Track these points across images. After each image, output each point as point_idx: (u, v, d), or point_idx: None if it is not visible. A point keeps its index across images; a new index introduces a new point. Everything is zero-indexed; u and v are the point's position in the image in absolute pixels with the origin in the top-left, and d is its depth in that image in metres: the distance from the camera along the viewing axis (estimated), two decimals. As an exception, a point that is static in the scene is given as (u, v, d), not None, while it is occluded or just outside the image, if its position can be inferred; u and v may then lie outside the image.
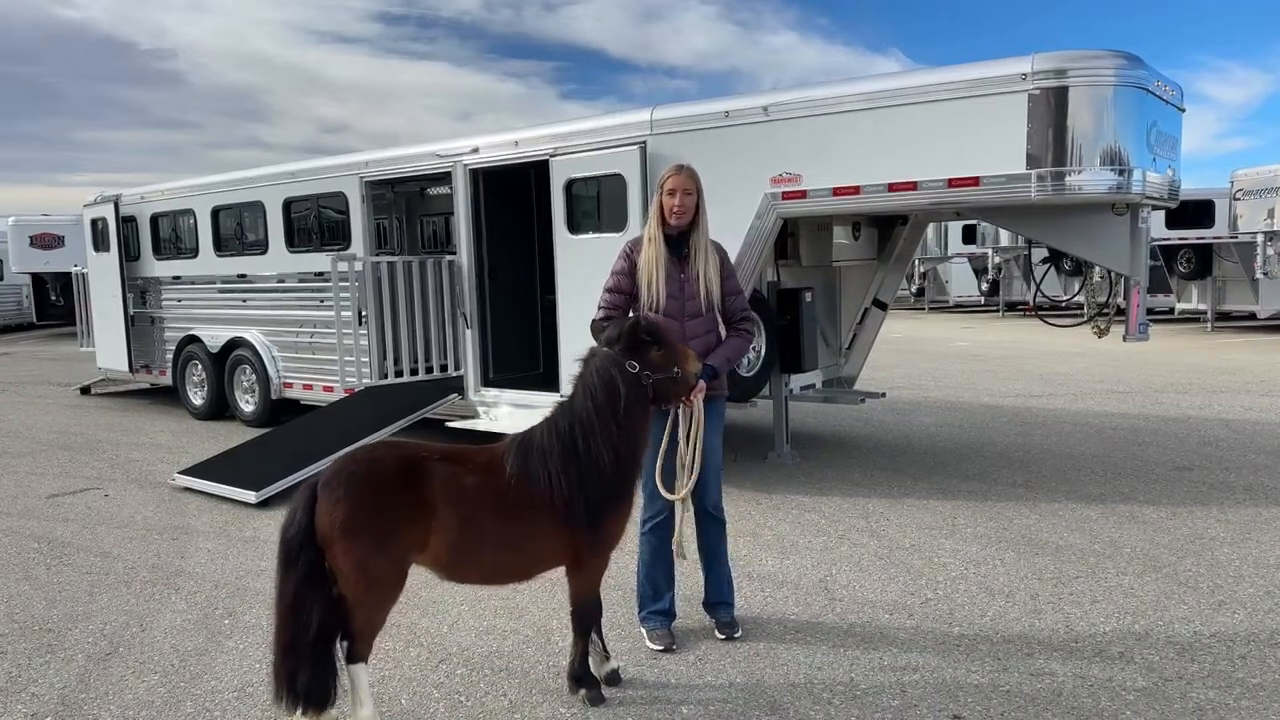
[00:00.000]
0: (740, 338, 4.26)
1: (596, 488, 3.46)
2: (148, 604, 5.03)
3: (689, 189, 4.13)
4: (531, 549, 3.52)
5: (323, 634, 3.22)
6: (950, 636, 4.33)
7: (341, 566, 3.22)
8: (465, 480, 3.39)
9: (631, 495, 3.69)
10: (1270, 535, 5.68)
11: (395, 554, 3.28)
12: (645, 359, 3.59)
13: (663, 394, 3.68)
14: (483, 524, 3.38)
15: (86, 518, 6.77)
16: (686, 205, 4.13)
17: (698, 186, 4.16)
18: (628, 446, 3.55)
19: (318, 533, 3.23)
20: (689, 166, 4.19)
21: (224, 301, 10.68)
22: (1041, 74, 5.60)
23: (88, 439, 9.89)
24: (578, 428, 3.49)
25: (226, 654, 4.35)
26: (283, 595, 3.26)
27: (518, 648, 4.33)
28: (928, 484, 7.03)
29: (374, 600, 3.30)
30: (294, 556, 3.24)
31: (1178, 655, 4.08)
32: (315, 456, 7.37)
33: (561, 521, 3.45)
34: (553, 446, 3.48)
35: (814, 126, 6.30)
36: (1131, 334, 6.21)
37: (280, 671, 3.23)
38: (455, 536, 3.33)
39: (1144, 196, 5.87)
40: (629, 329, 3.62)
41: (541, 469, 3.44)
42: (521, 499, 3.42)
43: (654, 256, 4.14)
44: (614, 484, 3.52)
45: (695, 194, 4.15)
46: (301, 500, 3.29)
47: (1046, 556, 5.41)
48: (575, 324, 7.50)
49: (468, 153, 8.13)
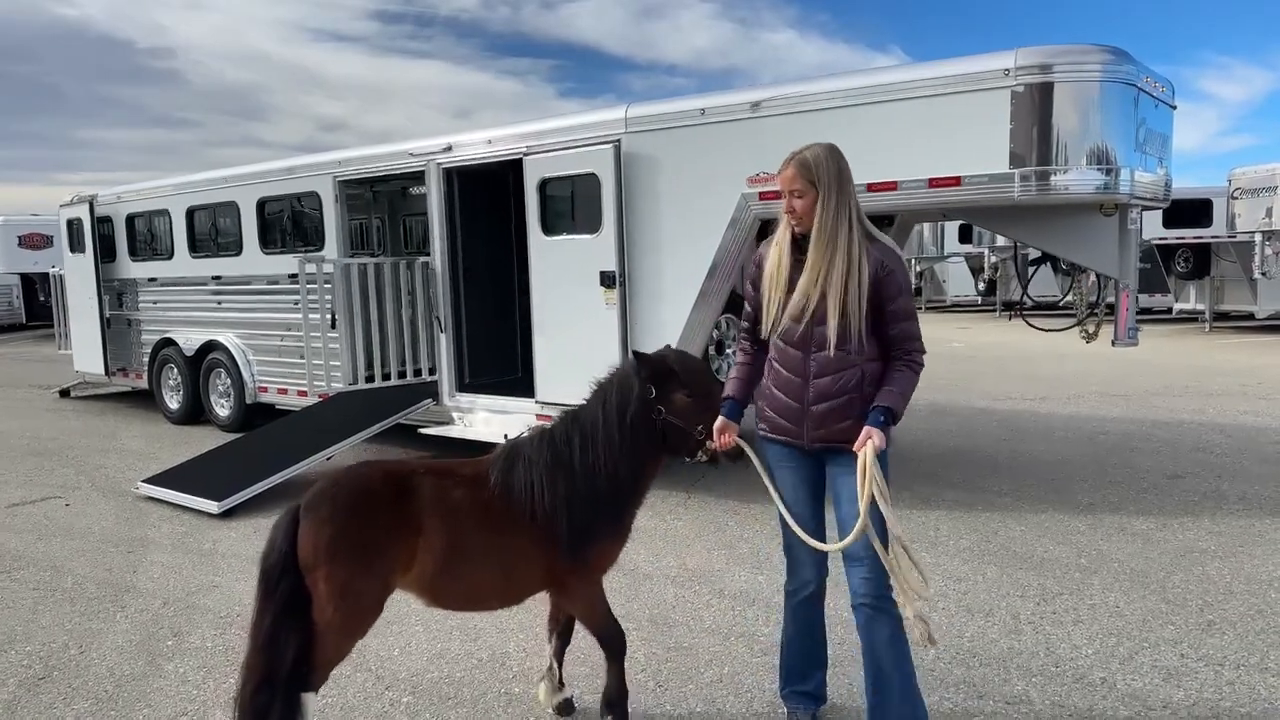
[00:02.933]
0: (910, 369, 3.19)
1: (585, 504, 3.22)
2: (91, 622, 4.83)
3: (797, 188, 3.16)
4: (515, 569, 3.28)
5: (298, 669, 3.05)
6: (925, 661, 4.09)
7: (323, 590, 3.04)
8: (451, 495, 3.20)
9: (625, 527, 3.40)
10: (1263, 548, 5.47)
11: (381, 575, 3.10)
12: (667, 396, 3.29)
13: (675, 443, 3.33)
14: (465, 541, 3.17)
15: (43, 528, 6.57)
16: (799, 208, 3.18)
17: (815, 178, 3.14)
18: (629, 469, 3.29)
19: (299, 559, 3.05)
20: (802, 155, 3.17)
21: (199, 304, 10.46)
22: (1025, 69, 5.39)
23: (59, 444, 9.68)
24: (577, 433, 3.28)
25: (165, 679, 4.14)
26: (258, 627, 3.08)
27: (469, 673, 4.12)
28: (911, 493, 6.82)
29: (349, 628, 3.13)
30: (273, 586, 3.07)
31: (1163, 681, 3.87)
32: (283, 464, 7.20)
33: (540, 539, 3.21)
34: (540, 456, 3.27)
35: (791, 124, 6.07)
36: (1120, 339, 6.01)
37: (248, 707, 3.01)
38: (439, 555, 3.13)
39: (1132, 197, 5.65)
40: (658, 355, 3.35)
41: (525, 480, 3.23)
42: (504, 513, 3.21)
43: (777, 264, 3.24)
44: (606, 506, 3.27)
45: (814, 190, 3.14)
46: (282, 526, 3.12)
47: (1030, 571, 5.20)
48: (549, 328, 7.31)
49: (441, 151, 7.91)
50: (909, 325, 3.19)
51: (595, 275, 6.87)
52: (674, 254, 6.64)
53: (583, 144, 6.95)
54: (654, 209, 6.71)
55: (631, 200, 6.77)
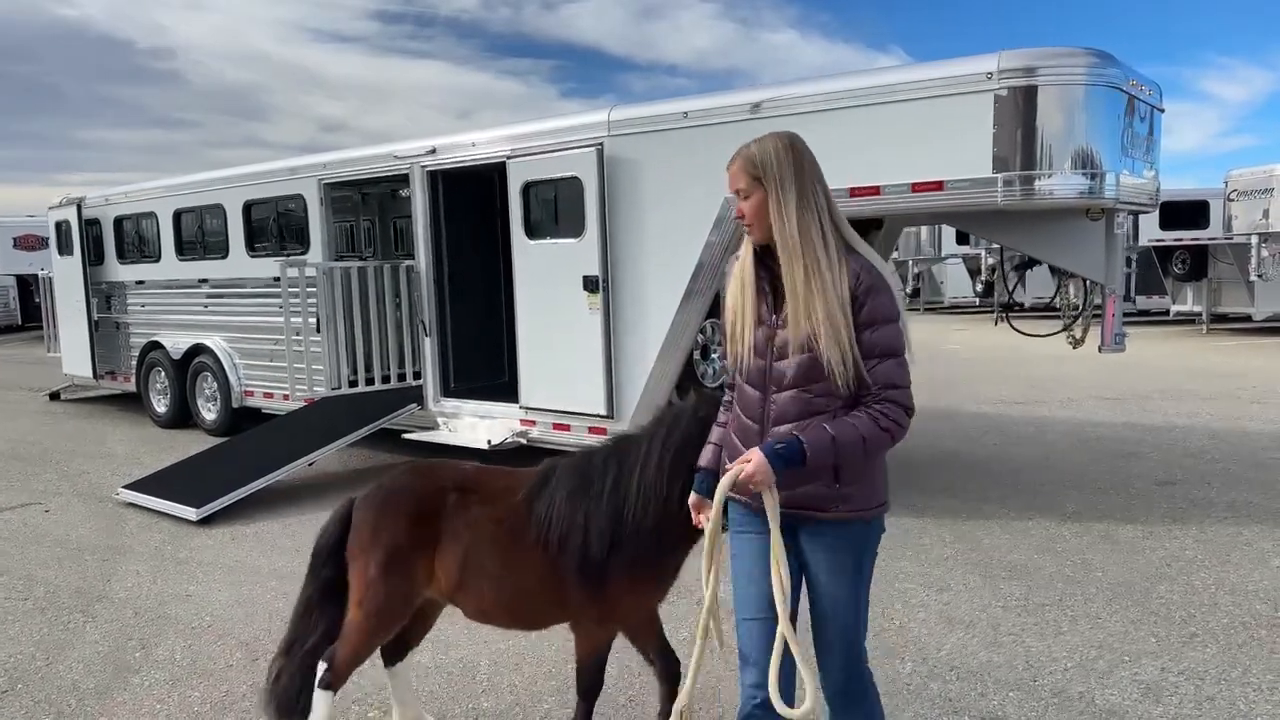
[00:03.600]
0: (875, 419, 2.39)
1: (600, 540, 2.93)
2: (61, 633, 4.77)
3: (741, 187, 2.52)
4: (528, 593, 3.12)
5: (316, 649, 3.21)
6: (901, 675, 4.05)
7: (355, 583, 3.17)
8: (471, 509, 3.14)
9: (651, 577, 3.06)
10: (1249, 557, 5.40)
11: (406, 579, 3.14)
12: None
13: None
14: (478, 557, 3.10)
15: (20, 536, 6.51)
16: (747, 211, 2.52)
17: (762, 173, 2.48)
18: (664, 512, 2.87)
19: (347, 549, 3.22)
20: (749, 148, 2.53)
21: (186, 307, 10.41)
22: (1008, 73, 5.32)
23: (44, 449, 9.63)
24: (615, 464, 2.98)
25: (130, 691, 4.08)
26: (299, 599, 3.34)
27: (438, 688, 4.06)
28: (897, 500, 6.66)
29: (372, 625, 3.16)
30: (317, 568, 3.29)
31: (1141, 696, 3.80)
32: (264, 470, 7.14)
33: (553, 566, 3.02)
34: (569, 480, 3.06)
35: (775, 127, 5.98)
36: (1107, 345, 5.94)
37: (271, 668, 3.28)
38: (453, 568, 3.11)
39: (1118, 201, 5.59)
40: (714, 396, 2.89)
41: (545, 502, 3.06)
42: (519, 533, 3.07)
43: (740, 290, 2.55)
44: (629, 547, 2.92)
45: (761, 189, 2.48)
46: (338, 515, 3.31)
47: (1014, 581, 5.13)
48: (533, 332, 7.25)
49: (425, 154, 7.85)
50: (890, 367, 2.41)
51: (578, 279, 6.81)
52: (658, 257, 6.57)
53: (565, 147, 6.89)
54: (638, 212, 6.64)
55: (615, 203, 6.71)
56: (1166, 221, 18.16)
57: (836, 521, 2.52)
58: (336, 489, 7.54)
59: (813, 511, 2.51)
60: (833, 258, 2.42)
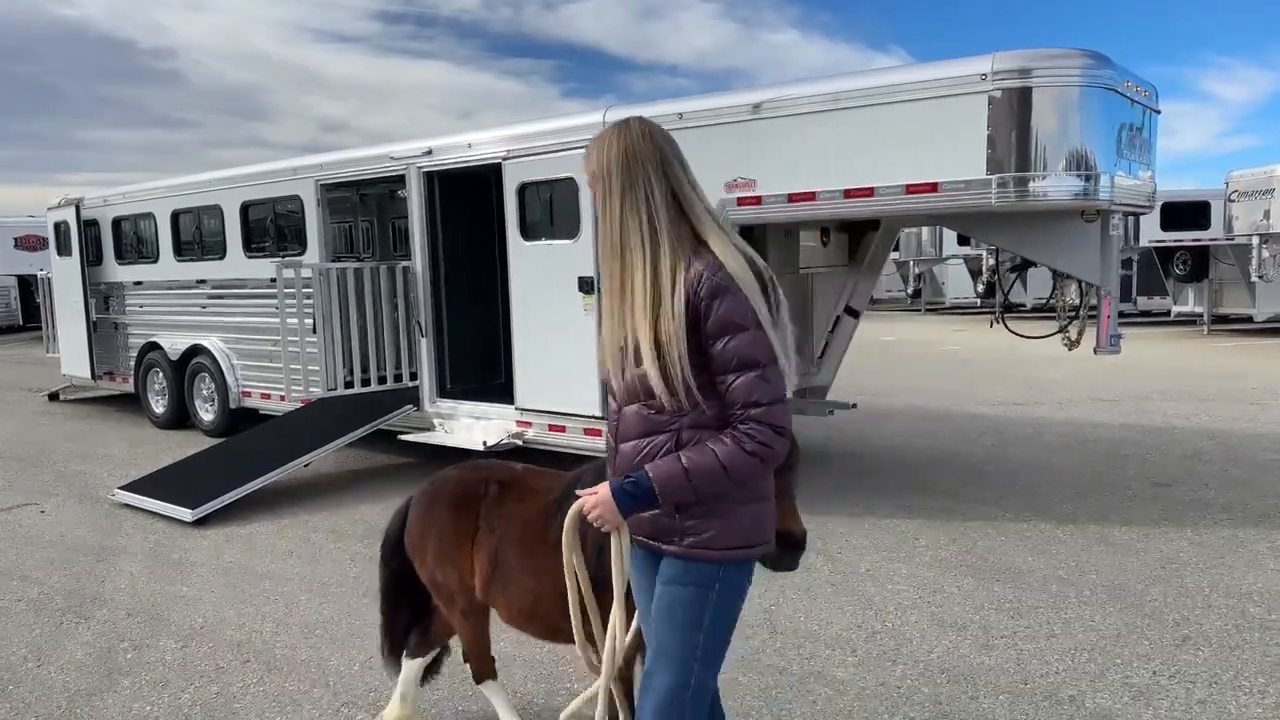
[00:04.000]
0: (734, 441, 2.14)
1: None
2: (52, 635, 4.77)
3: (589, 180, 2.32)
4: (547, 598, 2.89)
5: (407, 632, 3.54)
6: (892, 678, 4.04)
7: (428, 585, 3.34)
8: (506, 506, 3.13)
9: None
10: (1244, 560, 5.38)
11: (457, 574, 3.21)
12: None
13: None
14: (505, 557, 3.07)
15: (15, 536, 6.51)
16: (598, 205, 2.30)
17: (593, 169, 2.28)
18: None
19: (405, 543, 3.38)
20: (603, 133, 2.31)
21: (184, 307, 10.40)
22: (1003, 74, 5.30)
23: (42, 449, 9.63)
24: None
25: (118, 695, 4.07)
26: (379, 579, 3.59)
27: (428, 689, 4.04)
28: (892, 502, 6.74)
29: (458, 621, 3.33)
30: (386, 561, 3.49)
31: (1133, 699, 3.79)
32: (260, 471, 7.14)
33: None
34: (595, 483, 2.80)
35: (769, 129, 6.00)
36: (1102, 347, 5.92)
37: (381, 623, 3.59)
38: (485, 566, 3.12)
39: (1113, 202, 5.57)
40: None
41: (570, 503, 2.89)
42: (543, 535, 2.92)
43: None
44: None
45: (600, 182, 2.26)
46: (399, 510, 3.46)
47: (1006, 583, 5.12)
48: (529, 334, 7.24)
49: (421, 155, 7.85)
50: (748, 382, 2.12)
51: (574, 281, 6.80)
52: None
53: (561, 148, 6.88)
54: (633, 214, 6.62)
55: (610, 205, 6.69)
56: (1167, 222, 18.15)
57: (677, 558, 2.25)
58: (332, 490, 7.55)
59: (657, 542, 2.28)
60: (659, 259, 2.16)
